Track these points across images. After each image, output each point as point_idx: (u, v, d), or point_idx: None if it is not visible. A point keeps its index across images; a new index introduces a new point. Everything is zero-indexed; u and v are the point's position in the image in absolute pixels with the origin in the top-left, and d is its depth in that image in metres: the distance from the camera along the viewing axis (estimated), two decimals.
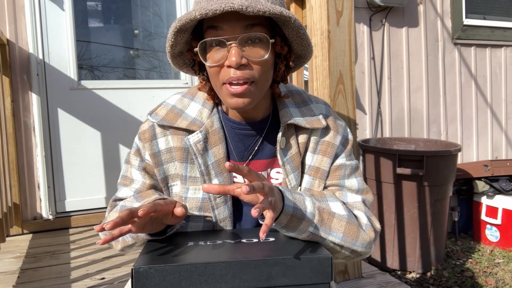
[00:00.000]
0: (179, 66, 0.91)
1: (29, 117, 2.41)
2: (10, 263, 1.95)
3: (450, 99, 3.31)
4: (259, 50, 0.79)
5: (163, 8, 2.87)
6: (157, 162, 0.90)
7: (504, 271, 2.51)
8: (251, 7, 0.72)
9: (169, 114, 0.91)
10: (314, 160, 0.93)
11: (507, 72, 3.54)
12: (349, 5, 1.48)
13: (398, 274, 2.43)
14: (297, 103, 0.95)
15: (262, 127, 0.92)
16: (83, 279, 1.74)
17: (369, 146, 2.52)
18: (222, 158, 0.88)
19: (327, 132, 0.95)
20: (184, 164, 0.89)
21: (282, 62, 0.87)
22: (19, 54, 2.38)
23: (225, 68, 0.79)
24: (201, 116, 0.90)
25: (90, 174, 2.58)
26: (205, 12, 0.72)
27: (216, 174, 0.88)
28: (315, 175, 0.93)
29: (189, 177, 0.89)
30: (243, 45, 0.78)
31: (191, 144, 0.87)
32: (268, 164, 0.93)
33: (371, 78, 3.02)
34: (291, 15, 0.77)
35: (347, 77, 1.50)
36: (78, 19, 2.59)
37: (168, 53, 0.86)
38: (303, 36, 0.82)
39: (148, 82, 2.76)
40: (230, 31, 0.77)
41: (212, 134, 0.89)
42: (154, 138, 0.90)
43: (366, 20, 2.97)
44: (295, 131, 0.92)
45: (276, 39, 0.82)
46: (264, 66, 0.80)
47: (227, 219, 0.89)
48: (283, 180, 0.91)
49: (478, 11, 3.36)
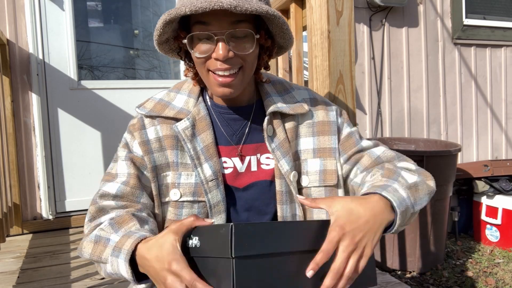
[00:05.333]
0: (165, 52, 0.94)
1: (29, 117, 2.41)
2: (10, 263, 1.95)
3: (450, 99, 3.31)
4: (245, 44, 0.83)
5: (163, 8, 2.87)
6: (146, 150, 0.91)
7: (504, 271, 2.51)
8: (239, 7, 0.76)
9: (156, 106, 0.94)
10: (315, 142, 0.97)
11: (507, 72, 3.54)
12: (349, 5, 1.48)
13: (398, 274, 2.43)
14: (279, 92, 0.99)
15: (248, 112, 0.95)
16: (83, 279, 1.74)
17: None
18: (211, 143, 0.91)
19: (318, 113, 0.99)
20: (175, 150, 0.91)
21: (265, 52, 0.92)
22: (19, 54, 2.38)
23: (213, 59, 0.83)
24: (188, 105, 0.94)
25: (90, 174, 2.58)
26: (195, 9, 0.76)
27: (206, 159, 0.90)
28: (324, 155, 0.96)
29: (180, 163, 0.91)
30: (230, 39, 0.82)
31: (179, 131, 0.89)
32: (257, 148, 0.95)
33: (371, 78, 3.02)
34: (275, 14, 0.81)
35: (347, 77, 1.50)
36: (78, 19, 2.59)
37: (155, 41, 0.88)
38: (286, 31, 0.87)
39: (148, 82, 2.76)
40: (218, 26, 0.81)
41: (199, 121, 0.92)
42: (143, 128, 0.92)
43: (366, 20, 2.97)
44: (281, 118, 0.95)
45: (260, 33, 0.86)
46: (249, 58, 0.85)
47: (220, 203, 0.90)
48: (275, 166, 0.93)
49: (478, 11, 3.35)
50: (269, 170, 0.95)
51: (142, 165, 0.91)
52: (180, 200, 0.90)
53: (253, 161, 0.95)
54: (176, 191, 0.91)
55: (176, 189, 0.90)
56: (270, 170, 0.95)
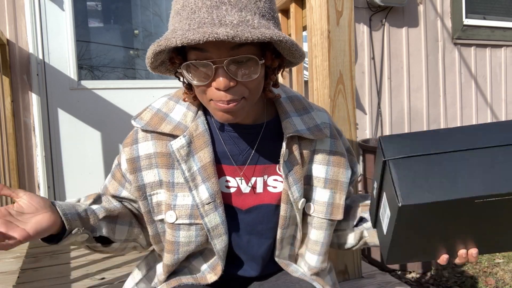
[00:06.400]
0: (162, 73, 0.86)
1: (29, 117, 2.41)
2: (10, 263, 1.95)
3: (450, 99, 3.31)
4: (248, 70, 0.74)
5: (163, 8, 2.87)
6: (134, 168, 0.86)
7: (504, 271, 2.52)
8: (237, 37, 0.66)
9: (153, 118, 0.87)
10: (329, 172, 0.91)
11: (507, 72, 3.54)
12: (349, 5, 1.48)
13: (398, 274, 2.43)
14: (298, 110, 0.91)
15: (257, 131, 0.88)
16: (83, 279, 1.74)
17: (369, 146, 2.52)
18: (209, 162, 0.84)
19: (335, 142, 0.93)
20: (170, 170, 0.85)
21: (273, 72, 0.83)
22: (19, 54, 2.38)
23: (213, 87, 0.75)
24: (186, 119, 0.86)
25: (90, 174, 2.58)
26: (187, 41, 0.66)
27: (203, 180, 0.83)
28: (335, 188, 0.91)
29: (176, 184, 0.85)
30: (231, 66, 0.73)
31: (173, 150, 0.83)
32: (265, 170, 0.89)
33: (371, 78, 3.02)
34: (281, 39, 0.70)
35: (347, 77, 1.50)
36: (78, 19, 2.59)
37: (148, 67, 0.80)
38: (295, 52, 0.77)
39: (148, 82, 2.76)
40: (216, 53, 0.72)
41: (197, 138, 0.84)
42: (135, 143, 0.87)
43: (366, 20, 2.97)
44: (298, 141, 0.89)
45: (266, 55, 0.77)
46: (254, 83, 0.76)
47: (219, 226, 0.85)
48: (284, 191, 0.88)
49: (478, 11, 3.36)
50: (276, 194, 0.89)
51: (123, 183, 0.91)
52: (176, 223, 0.85)
53: (259, 182, 0.89)
54: (172, 213, 0.85)
55: (172, 211, 0.85)
56: (276, 194, 0.89)
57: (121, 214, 0.89)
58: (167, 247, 0.89)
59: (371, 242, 0.96)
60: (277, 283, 0.93)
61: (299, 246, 0.96)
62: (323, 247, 0.93)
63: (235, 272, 0.94)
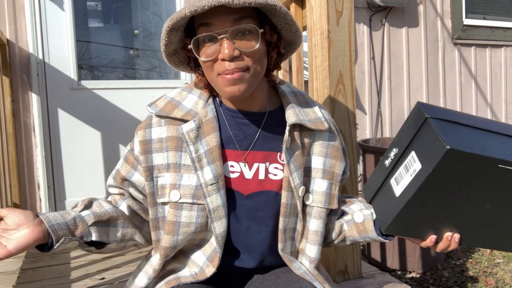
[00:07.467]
0: (175, 64, 0.95)
1: (29, 117, 2.41)
2: (10, 263, 1.95)
3: (450, 99, 3.32)
4: (250, 41, 0.83)
5: (163, 8, 2.87)
6: (145, 149, 0.92)
7: (504, 271, 2.52)
8: (237, 0, 0.76)
9: (167, 105, 0.94)
10: (327, 164, 0.98)
11: (507, 72, 3.54)
12: (349, 5, 1.48)
13: (398, 274, 2.43)
14: (301, 104, 0.98)
15: (261, 118, 0.94)
16: (83, 279, 1.74)
17: (369, 146, 2.52)
18: (215, 146, 0.90)
19: (333, 137, 1.00)
20: (178, 152, 0.91)
21: (274, 49, 0.91)
22: (19, 54, 2.38)
23: (219, 61, 0.83)
24: (197, 107, 0.93)
25: (90, 174, 2.58)
26: (194, 8, 0.76)
27: (208, 162, 0.90)
28: (332, 178, 0.98)
29: (183, 165, 0.91)
30: (234, 37, 0.82)
31: (183, 132, 0.90)
32: (266, 157, 0.95)
33: (371, 78, 3.02)
34: (276, 3, 0.81)
35: (347, 77, 1.50)
36: (78, 19, 2.59)
37: (163, 52, 0.89)
38: (290, 22, 0.86)
39: (148, 82, 2.76)
40: (221, 25, 0.81)
41: (206, 124, 0.91)
42: (149, 127, 0.93)
43: (366, 20, 2.97)
44: (300, 131, 0.95)
45: (265, 28, 0.86)
46: (256, 55, 0.84)
47: (220, 208, 0.90)
48: (285, 178, 0.93)
49: (478, 11, 3.36)
50: (277, 181, 0.94)
51: (135, 166, 0.94)
52: (180, 202, 0.90)
53: (261, 169, 0.94)
54: (176, 192, 0.90)
55: (177, 190, 0.90)
56: (277, 181, 0.94)
57: (112, 218, 0.93)
58: (167, 228, 0.91)
59: (350, 236, 1.01)
60: (277, 281, 0.94)
61: (299, 240, 0.99)
62: (322, 237, 0.98)
63: (232, 263, 0.96)
